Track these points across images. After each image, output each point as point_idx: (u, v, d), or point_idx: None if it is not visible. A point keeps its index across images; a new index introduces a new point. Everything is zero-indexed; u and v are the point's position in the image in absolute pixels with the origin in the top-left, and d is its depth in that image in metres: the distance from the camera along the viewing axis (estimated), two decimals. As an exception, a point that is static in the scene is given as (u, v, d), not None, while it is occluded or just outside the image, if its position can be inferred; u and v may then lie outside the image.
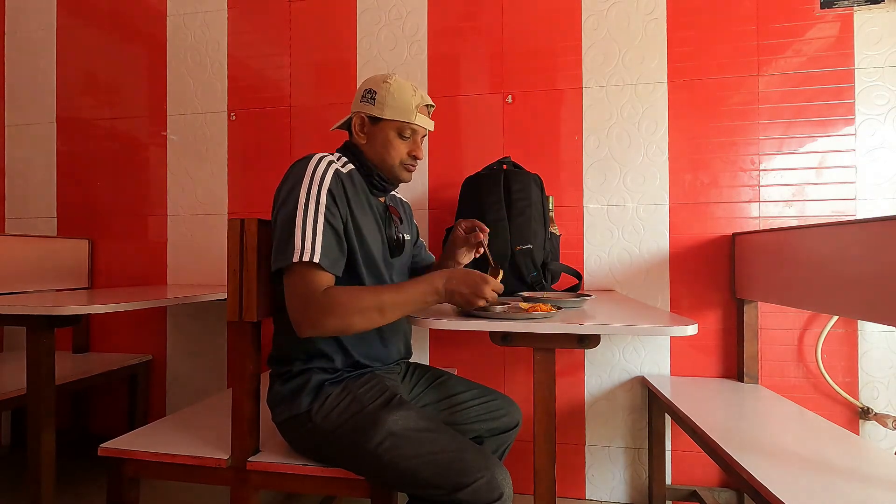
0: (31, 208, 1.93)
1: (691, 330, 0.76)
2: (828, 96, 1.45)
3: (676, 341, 1.52)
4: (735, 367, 1.48)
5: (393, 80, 0.93)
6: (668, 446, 1.49)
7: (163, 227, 1.83)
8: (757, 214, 1.48)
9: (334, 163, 0.90)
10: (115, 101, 1.88)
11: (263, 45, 1.77)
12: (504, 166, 1.39)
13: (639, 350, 1.54)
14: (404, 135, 0.94)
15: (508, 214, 1.32)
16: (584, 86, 1.58)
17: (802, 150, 1.47)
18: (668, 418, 1.46)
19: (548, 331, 0.81)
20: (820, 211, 1.46)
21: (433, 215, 1.65)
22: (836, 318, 1.42)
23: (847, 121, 1.44)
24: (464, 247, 1.03)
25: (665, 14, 1.53)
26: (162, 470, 0.94)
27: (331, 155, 0.92)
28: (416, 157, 0.96)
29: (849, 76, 1.44)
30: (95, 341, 1.87)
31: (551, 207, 1.45)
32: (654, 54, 1.54)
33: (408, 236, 1.06)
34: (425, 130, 0.97)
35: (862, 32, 1.43)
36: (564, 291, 1.33)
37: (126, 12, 1.87)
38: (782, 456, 0.92)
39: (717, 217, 1.50)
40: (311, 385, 0.87)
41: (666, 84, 1.53)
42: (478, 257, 1.05)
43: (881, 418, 1.36)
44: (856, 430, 1.42)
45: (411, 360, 1.13)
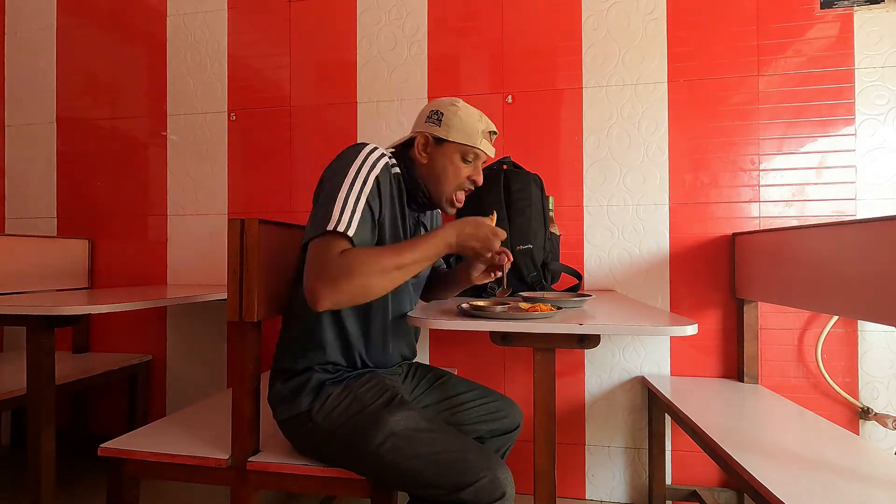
0: (31, 208, 1.93)
1: (691, 330, 0.76)
2: (828, 96, 1.45)
3: (676, 341, 1.52)
4: (735, 367, 1.48)
5: (461, 103, 0.94)
6: (668, 446, 1.49)
7: (163, 227, 1.83)
8: (757, 214, 1.48)
9: (386, 157, 0.90)
10: (115, 101, 1.88)
11: (263, 45, 1.77)
12: (504, 166, 1.39)
13: (639, 350, 1.54)
14: (467, 158, 0.94)
15: (508, 214, 1.32)
16: (584, 86, 1.58)
17: (802, 150, 1.47)
18: (668, 418, 1.46)
19: (548, 331, 0.81)
20: (820, 211, 1.46)
21: (433, 215, 1.65)
22: (836, 318, 1.42)
23: (847, 121, 1.44)
24: (483, 266, 1.00)
25: (665, 14, 1.53)
26: (162, 470, 0.94)
27: (384, 149, 0.92)
28: (475, 182, 0.96)
29: (849, 76, 1.44)
30: (95, 341, 1.87)
31: (551, 207, 1.44)
32: (654, 54, 1.54)
33: None
34: (486, 156, 0.97)
35: (862, 32, 1.43)
36: (564, 291, 1.33)
37: (126, 12, 1.87)
38: (782, 456, 0.92)
39: (717, 217, 1.50)
40: (311, 384, 0.87)
41: (666, 84, 1.53)
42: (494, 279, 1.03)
43: (881, 418, 1.36)
44: (856, 430, 1.42)
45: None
